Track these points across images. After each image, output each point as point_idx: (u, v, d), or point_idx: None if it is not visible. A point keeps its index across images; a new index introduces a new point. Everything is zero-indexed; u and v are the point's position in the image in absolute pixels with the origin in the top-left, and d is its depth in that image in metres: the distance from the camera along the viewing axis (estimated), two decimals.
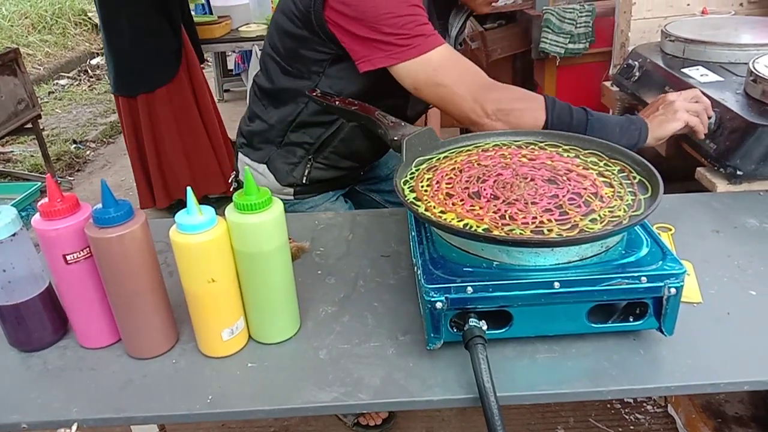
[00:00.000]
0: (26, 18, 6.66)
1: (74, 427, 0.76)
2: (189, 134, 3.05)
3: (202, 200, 3.20)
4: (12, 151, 4.33)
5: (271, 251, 0.80)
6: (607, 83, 1.88)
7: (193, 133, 3.06)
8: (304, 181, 1.33)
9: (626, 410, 1.88)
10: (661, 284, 0.75)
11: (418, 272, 0.79)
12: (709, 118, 1.22)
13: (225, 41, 3.36)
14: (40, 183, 2.44)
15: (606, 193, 0.83)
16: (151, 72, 2.87)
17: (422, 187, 0.89)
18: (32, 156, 4.18)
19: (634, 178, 0.88)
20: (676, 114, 1.17)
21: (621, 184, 0.86)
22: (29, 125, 3.50)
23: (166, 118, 2.95)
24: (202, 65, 3.18)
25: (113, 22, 2.77)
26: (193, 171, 3.10)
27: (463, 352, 0.77)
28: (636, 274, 0.75)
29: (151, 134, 2.97)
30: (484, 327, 0.76)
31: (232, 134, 3.32)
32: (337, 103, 1.14)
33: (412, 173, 0.95)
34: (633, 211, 0.80)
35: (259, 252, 0.80)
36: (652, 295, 0.76)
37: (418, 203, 0.85)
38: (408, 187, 0.90)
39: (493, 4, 1.31)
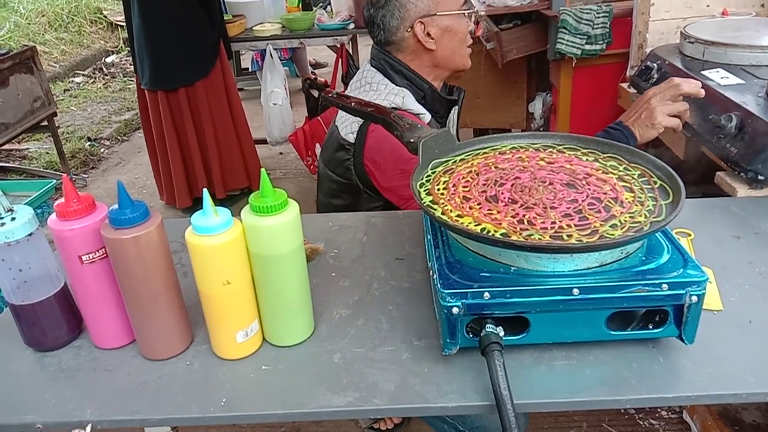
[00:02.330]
0: (43, 16, 6.72)
1: (89, 428, 0.76)
2: (222, 129, 3.09)
3: (226, 197, 3.24)
4: (28, 149, 4.37)
5: (287, 254, 0.80)
6: (624, 85, 1.86)
7: (224, 127, 3.11)
8: None
9: (640, 416, 1.86)
10: (683, 292, 0.74)
11: (435, 277, 0.78)
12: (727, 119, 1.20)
13: (239, 40, 3.37)
14: (55, 180, 2.45)
15: (626, 198, 0.82)
16: (192, 65, 2.90)
17: (438, 190, 0.89)
18: (47, 153, 4.22)
19: (655, 182, 0.86)
20: (655, 120, 1.20)
21: (642, 188, 0.85)
22: (45, 123, 3.53)
23: (205, 112, 2.99)
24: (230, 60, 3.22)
25: (155, 16, 2.78)
26: (223, 165, 3.15)
27: (479, 358, 0.76)
28: (657, 281, 0.74)
29: (193, 128, 3.01)
30: (501, 333, 0.75)
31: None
32: (353, 104, 1.13)
33: (428, 176, 0.94)
34: (654, 217, 0.78)
35: (274, 254, 0.79)
36: (673, 303, 0.75)
37: (435, 206, 0.84)
38: (424, 190, 0.89)
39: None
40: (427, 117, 1.35)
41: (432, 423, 1.41)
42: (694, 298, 0.74)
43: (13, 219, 0.80)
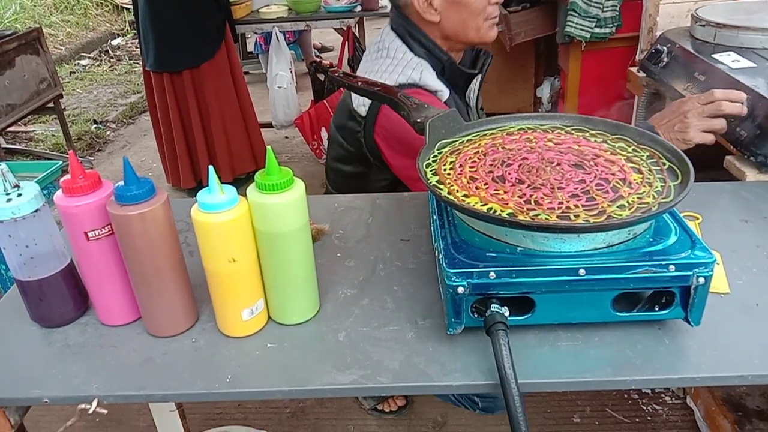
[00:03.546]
0: None
1: (94, 403, 0.76)
2: (228, 111, 3.09)
3: (233, 181, 3.25)
4: (34, 130, 4.38)
5: (292, 232, 0.80)
6: (634, 69, 1.84)
7: (230, 110, 3.10)
8: None
9: (644, 401, 1.86)
10: (690, 273, 0.73)
11: (440, 256, 0.78)
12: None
13: (245, 22, 3.35)
14: (61, 162, 2.46)
15: (634, 179, 0.81)
16: (197, 47, 2.89)
17: (445, 170, 0.88)
18: (54, 135, 4.22)
19: (664, 164, 0.86)
20: (687, 135, 1.14)
21: (650, 170, 0.84)
22: (51, 104, 3.53)
23: (210, 95, 2.98)
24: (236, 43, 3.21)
25: (160, 1, 2.76)
26: (230, 149, 3.14)
27: (483, 338, 0.76)
28: (664, 263, 0.73)
29: (197, 111, 3.00)
30: (506, 313, 0.75)
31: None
32: (359, 83, 1.13)
33: (435, 156, 0.93)
34: (662, 198, 0.77)
35: (280, 232, 0.79)
36: (680, 284, 0.74)
37: (441, 186, 0.84)
38: (431, 170, 0.89)
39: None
40: (445, 94, 1.28)
41: (441, 394, 1.40)
42: (702, 280, 0.73)
43: (19, 195, 0.80)
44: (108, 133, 4.38)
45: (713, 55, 1.47)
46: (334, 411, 1.92)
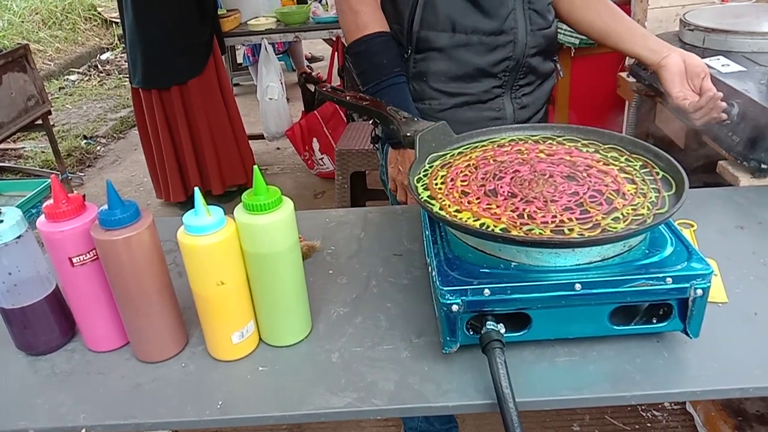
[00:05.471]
0: (37, 14, 6.68)
1: None
2: (217, 125, 3.09)
3: (224, 193, 3.25)
4: (23, 148, 4.35)
5: (282, 252, 0.78)
6: (624, 74, 1.84)
7: (219, 124, 3.10)
8: None
9: (643, 407, 1.85)
10: (687, 285, 0.72)
11: (433, 273, 0.76)
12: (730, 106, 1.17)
13: (234, 35, 3.34)
14: (49, 180, 2.43)
15: (628, 190, 0.80)
16: (184, 63, 2.89)
17: (436, 185, 0.87)
18: (43, 152, 4.20)
19: (657, 173, 0.85)
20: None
21: (644, 180, 0.83)
22: (40, 121, 3.51)
23: (198, 110, 2.99)
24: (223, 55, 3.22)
25: (147, 15, 2.77)
26: (220, 162, 3.15)
27: (479, 355, 0.74)
28: (661, 275, 0.72)
29: (186, 126, 3.01)
30: (502, 330, 0.74)
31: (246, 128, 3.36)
32: (347, 98, 1.11)
33: (426, 170, 0.92)
34: (657, 209, 0.76)
35: (269, 253, 0.77)
36: (678, 297, 0.73)
37: (432, 202, 0.83)
38: (422, 185, 0.87)
39: None
40: None
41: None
42: (699, 292, 0.72)
43: (1, 221, 0.78)
44: (98, 148, 4.36)
45: (703, 60, 1.47)
46: (332, 425, 1.89)
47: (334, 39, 3.55)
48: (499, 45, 1.17)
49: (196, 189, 0.75)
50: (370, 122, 1.40)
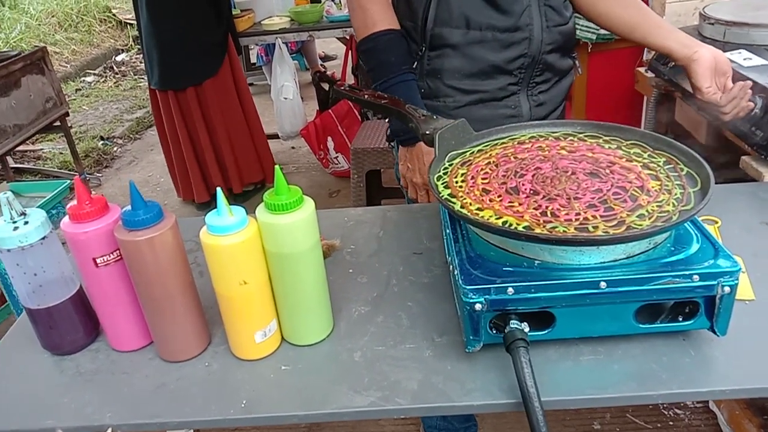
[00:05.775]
0: (53, 17, 6.76)
1: None
2: (233, 124, 3.11)
3: (241, 192, 3.27)
4: (42, 149, 4.40)
5: (304, 251, 0.78)
6: (642, 69, 1.82)
7: (236, 123, 3.12)
8: None
9: (665, 405, 1.83)
10: (714, 282, 0.71)
11: (455, 272, 0.76)
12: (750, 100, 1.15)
13: (248, 35, 3.35)
14: (69, 181, 2.45)
15: (653, 187, 0.79)
16: (200, 65, 2.92)
17: (457, 183, 0.86)
18: (61, 153, 4.24)
19: (682, 170, 0.83)
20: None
21: (668, 176, 0.82)
22: (57, 123, 3.54)
23: (215, 110, 3.01)
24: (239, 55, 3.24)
25: (162, 16, 2.78)
26: (237, 160, 3.17)
27: (503, 354, 0.74)
28: (687, 273, 0.71)
29: (204, 126, 3.04)
30: (526, 329, 0.73)
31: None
32: (365, 97, 1.11)
33: (446, 168, 0.91)
34: (682, 206, 0.75)
35: (291, 253, 0.77)
36: (705, 294, 0.72)
37: (454, 200, 0.82)
38: (442, 183, 0.87)
39: None
40: None
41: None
42: (727, 289, 0.71)
43: (26, 223, 0.79)
44: (115, 149, 4.39)
45: (724, 54, 1.45)
46: (351, 424, 1.90)
47: (347, 37, 3.54)
48: (514, 42, 1.16)
49: (219, 189, 0.76)
50: (387, 120, 1.39)
